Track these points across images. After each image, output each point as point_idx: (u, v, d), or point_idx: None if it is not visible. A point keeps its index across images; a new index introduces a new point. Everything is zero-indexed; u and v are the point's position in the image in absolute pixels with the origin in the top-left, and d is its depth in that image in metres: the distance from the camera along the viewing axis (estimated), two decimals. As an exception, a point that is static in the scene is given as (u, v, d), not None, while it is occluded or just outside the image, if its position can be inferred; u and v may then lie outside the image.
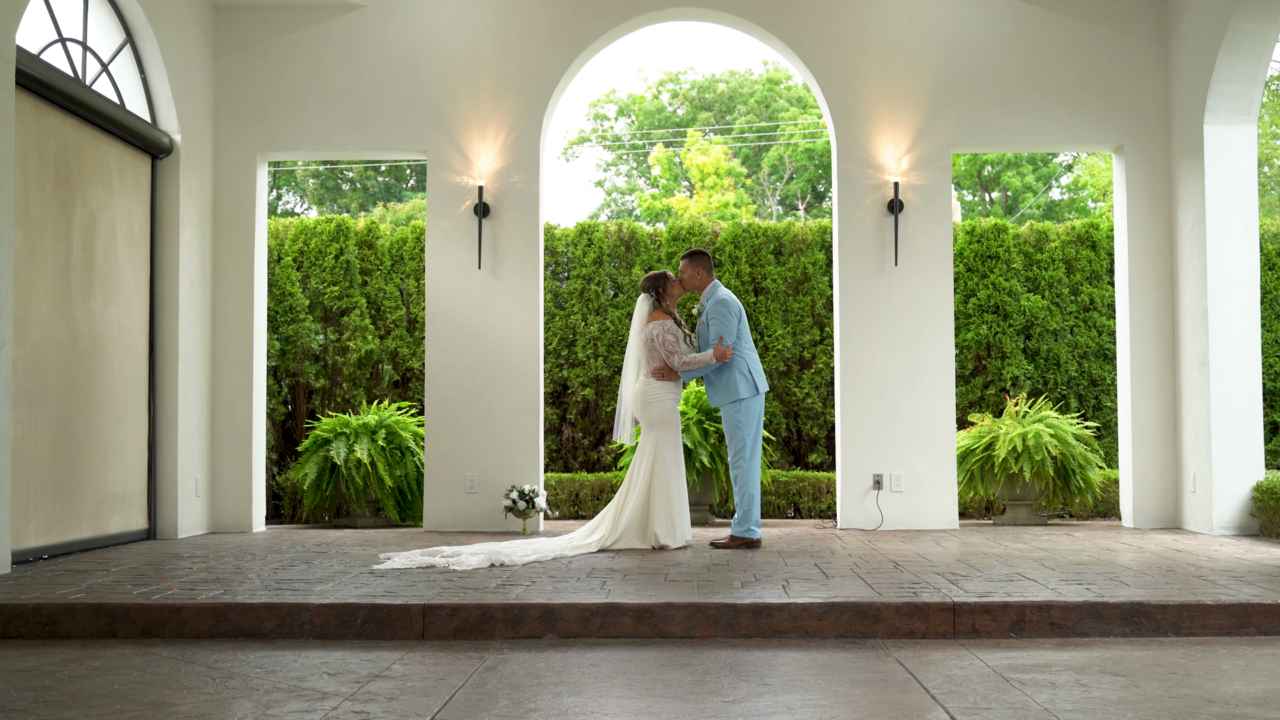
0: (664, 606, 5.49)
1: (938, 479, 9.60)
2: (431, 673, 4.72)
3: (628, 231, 12.05)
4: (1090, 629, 5.44)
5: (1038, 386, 11.77)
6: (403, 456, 10.34)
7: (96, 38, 8.53)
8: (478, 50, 9.79)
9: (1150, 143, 9.71)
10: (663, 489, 7.96)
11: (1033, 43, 9.79)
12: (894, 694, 4.34)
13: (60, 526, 7.79)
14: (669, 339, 8.06)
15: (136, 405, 8.81)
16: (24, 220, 7.39)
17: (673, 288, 8.23)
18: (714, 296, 8.13)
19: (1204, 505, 9.05)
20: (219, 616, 5.49)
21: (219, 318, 9.66)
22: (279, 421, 11.70)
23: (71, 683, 4.54)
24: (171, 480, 9.01)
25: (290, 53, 9.80)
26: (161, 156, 9.09)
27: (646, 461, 8.02)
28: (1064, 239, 11.97)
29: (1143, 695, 4.28)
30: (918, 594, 5.74)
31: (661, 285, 8.21)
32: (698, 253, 8.28)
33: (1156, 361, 9.64)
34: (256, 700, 4.25)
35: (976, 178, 29.83)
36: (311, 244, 11.85)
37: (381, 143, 9.85)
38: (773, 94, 31.08)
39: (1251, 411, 9.00)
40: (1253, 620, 5.47)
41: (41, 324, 7.58)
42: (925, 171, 9.71)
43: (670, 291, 8.22)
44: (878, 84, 9.79)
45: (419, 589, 6.00)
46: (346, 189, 31.04)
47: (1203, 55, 9.04)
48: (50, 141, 7.75)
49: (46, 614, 5.51)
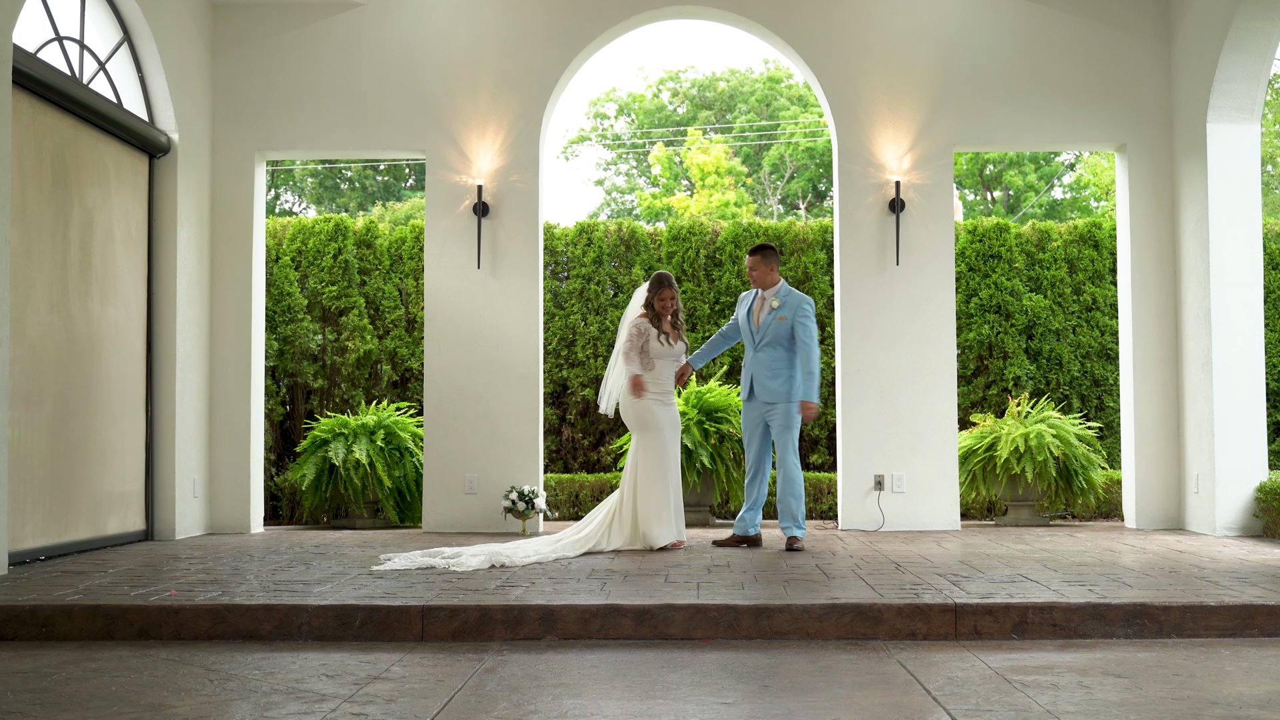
0: (664, 608, 5.47)
1: (939, 480, 9.57)
2: (430, 674, 4.71)
3: (627, 231, 12.02)
4: (1093, 630, 5.42)
5: (1040, 387, 11.74)
6: (401, 457, 10.31)
7: (94, 36, 8.49)
8: (477, 48, 9.77)
9: (1153, 141, 9.68)
10: (646, 490, 7.96)
11: (1035, 41, 9.77)
12: (895, 696, 4.33)
13: (57, 527, 7.76)
14: (633, 335, 8.10)
15: (134, 406, 8.78)
16: (21, 220, 7.36)
17: (665, 297, 8.15)
18: (793, 294, 8.10)
19: (1207, 506, 9.02)
20: (217, 618, 5.47)
21: (217, 318, 9.63)
22: (277, 422, 11.67)
23: (68, 684, 4.52)
24: (169, 481, 8.98)
25: (288, 51, 9.78)
26: (159, 156, 9.06)
27: (630, 464, 8.11)
28: (1066, 238, 11.94)
29: (1145, 697, 4.28)
30: (919, 595, 5.72)
31: (655, 292, 8.19)
32: (769, 248, 8.16)
33: (1159, 361, 9.61)
34: (255, 702, 4.23)
35: (978, 177, 29.81)
36: (310, 243, 11.83)
37: (380, 142, 9.82)
38: (773, 92, 31.07)
39: (1255, 412, 8.97)
40: (1256, 622, 5.46)
41: (39, 324, 7.56)
42: (927, 170, 9.68)
43: (663, 299, 8.16)
44: (879, 82, 9.76)
45: (418, 590, 5.98)
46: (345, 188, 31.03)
47: (1206, 53, 9.02)
48: (47, 141, 7.72)
49: (43, 615, 5.49)
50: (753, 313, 8.15)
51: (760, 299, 8.15)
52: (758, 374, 8.07)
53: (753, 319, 8.13)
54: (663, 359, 8.15)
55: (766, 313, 8.09)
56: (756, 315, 8.13)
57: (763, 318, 8.09)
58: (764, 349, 8.07)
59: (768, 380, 8.04)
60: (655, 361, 8.12)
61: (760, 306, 8.13)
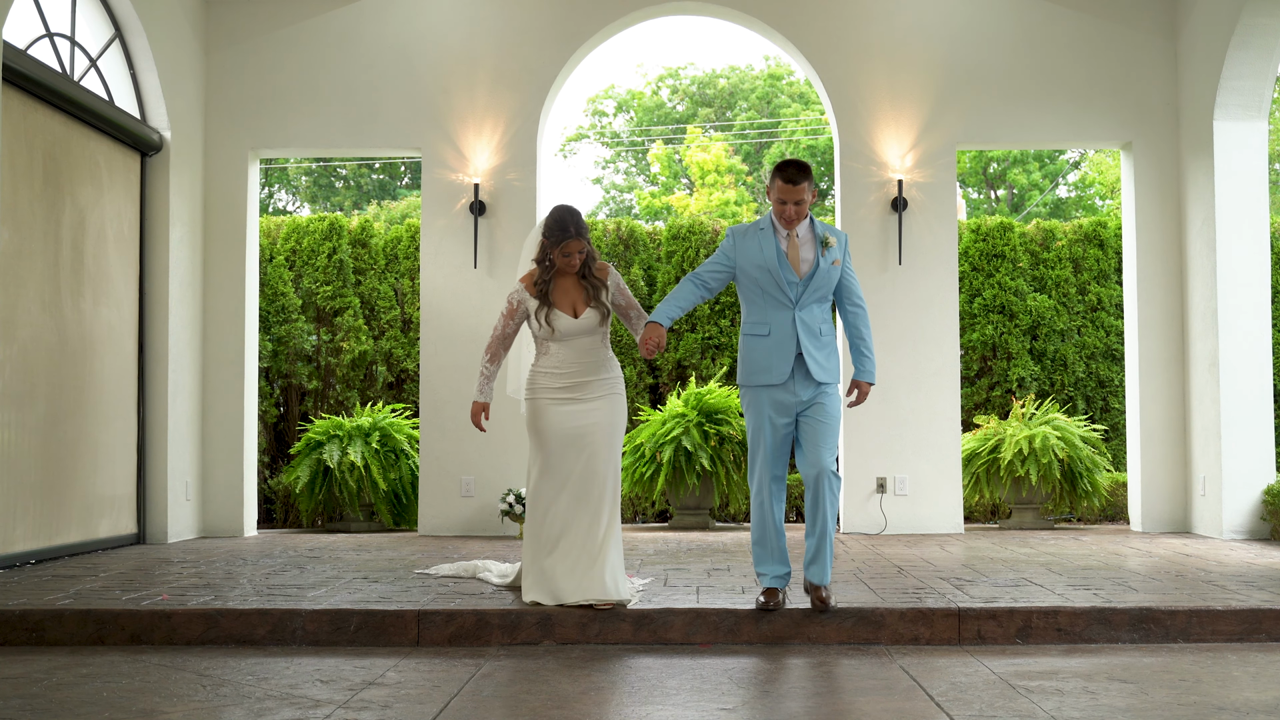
0: (663, 612, 5.44)
1: (942, 482, 9.50)
2: (426, 680, 4.69)
3: (626, 230, 11.96)
4: (1098, 635, 5.40)
5: (1044, 388, 11.67)
6: (397, 459, 10.25)
7: (85, 33, 8.45)
8: (474, 45, 9.70)
9: (1159, 139, 9.62)
10: (532, 530, 5.76)
11: (1039, 37, 9.70)
12: (898, 701, 4.31)
13: (48, 531, 7.70)
14: (504, 313, 5.85)
15: (126, 407, 8.72)
16: (12, 219, 7.32)
17: (571, 250, 5.74)
18: (831, 228, 5.70)
19: (1214, 509, 8.96)
20: (210, 623, 5.45)
21: (210, 318, 9.57)
22: (271, 424, 11.60)
23: (59, 690, 4.51)
24: (161, 484, 8.92)
25: (282, 47, 9.71)
26: (151, 154, 9.00)
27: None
28: (1071, 237, 11.87)
29: (1151, 703, 4.27)
30: (922, 599, 5.69)
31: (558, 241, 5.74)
32: (805, 166, 5.59)
33: (1165, 362, 9.54)
34: (248, 708, 4.22)
35: (982, 175, 29.76)
36: (304, 243, 11.76)
37: (375, 140, 9.76)
38: (774, 90, 31.04)
39: (1262, 413, 8.92)
40: (1264, 626, 5.44)
41: (30, 324, 7.51)
42: (929, 169, 9.61)
43: (567, 252, 5.74)
44: (881, 79, 9.69)
45: (414, 594, 5.97)
46: (340, 187, 30.96)
47: (1212, 50, 8.96)
48: (38, 139, 7.68)
49: (34, 620, 5.47)
50: (785, 257, 5.60)
51: (792, 238, 5.63)
52: (808, 343, 5.55)
53: (788, 265, 5.60)
54: (569, 339, 5.78)
55: (815, 254, 5.61)
56: (794, 259, 5.62)
57: (817, 261, 5.59)
58: (809, 307, 5.61)
59: (819, 352, 5.58)
60: (550, 345, 5.80)
61: (794, 246, 5.62)
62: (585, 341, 5.77)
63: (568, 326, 5.71)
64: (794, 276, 5.57)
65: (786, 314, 5.56)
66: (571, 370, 5.75)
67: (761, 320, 5.60)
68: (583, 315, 5.75)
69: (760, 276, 5.57)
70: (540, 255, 5.80)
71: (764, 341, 5.58)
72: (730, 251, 5.67)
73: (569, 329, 5.72)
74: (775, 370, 5.54)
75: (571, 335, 5.73)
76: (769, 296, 5.58)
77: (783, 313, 5.57)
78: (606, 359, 5.83)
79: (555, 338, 5.72)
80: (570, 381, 5.75)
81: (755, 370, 5.59)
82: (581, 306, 5.76)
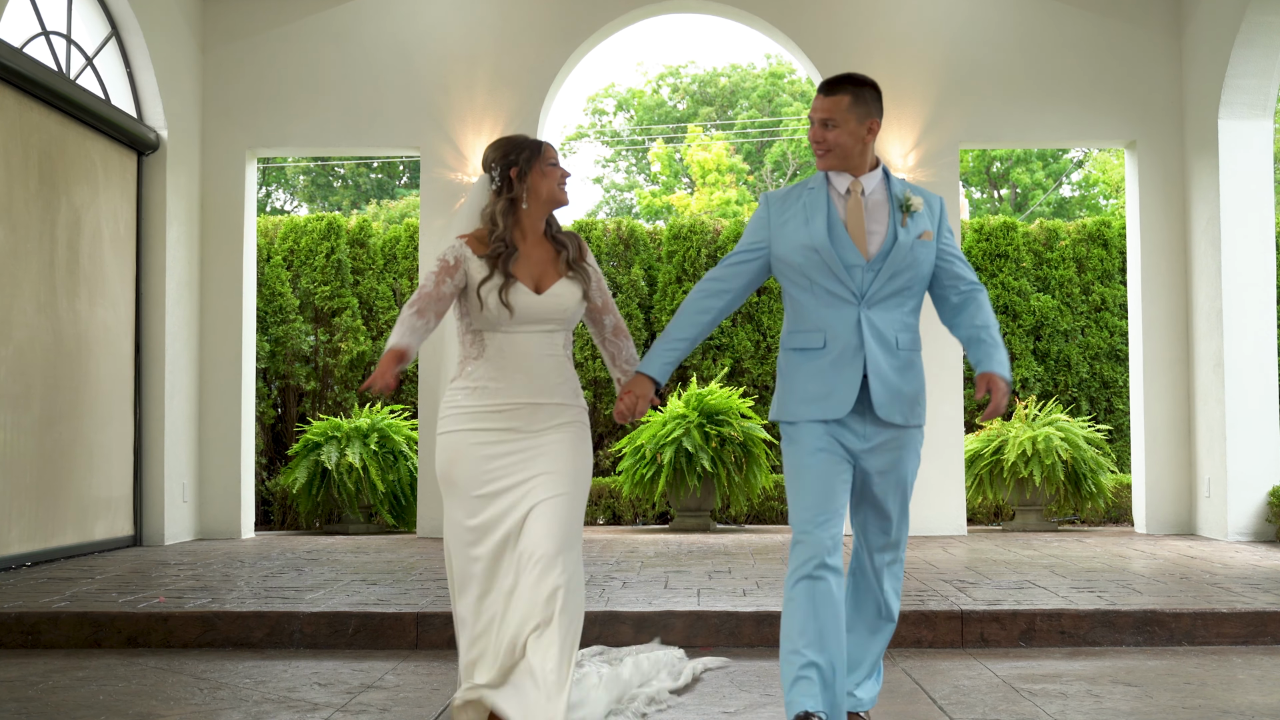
0: (664, 615, 5.44)
1: (945, 484, 9.46)
2: (425, 683, 4.70)
3: (626, 229, 11.92)
4: (1102, 638, 5.40)
5: (1048, 389, 11.62)
6: (396, 461, 10.21)
7: (81, 31, 8.41)
8: (473, 43, 9.66)
9: (1163, 138, 9.58)
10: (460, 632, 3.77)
11: (1042, 36, 9.66)
12: (900, 704, 4.31)
13: (44, 533, 7.67)
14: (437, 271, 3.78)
15: (122, 408, 8.69)
16: (7, 218, 7.30)
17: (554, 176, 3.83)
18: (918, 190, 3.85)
19: (1219, 511, 8.92)
20: (207, 625, 5.46)
21: (207, 318, 9.53)
22: (268, 425, 11.57)
23: (55, 693, 4.52)
24: (158, 485, 8.88)
25: (280, 46, 9.67)
26: (148, 153, 8.96)
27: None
28: (1075, 237, 11.83)
29: (1156, 706, 4.27)
30: (925, 602, 5.69)
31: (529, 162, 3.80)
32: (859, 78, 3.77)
33: (1170, 363, 9.50)
34: (245, 711, 4.23)
35: (985, 174, 29.71)
36: (302, 243, 11.73)
37: (374, 139, 9.73)
38: (775, 88, 31.02)
39: (1268, 414, 8.89)
40: (1269, 629, 5.45)
41: (26, 325, 7.48)
42: (932, 168, 9.57)
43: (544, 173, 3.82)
44: (883, 78, 9.59)
45: (412, 597, 5.95)
46: (338, 186, 30.93)
47: (1217, 49, 8.93)
48: (34, 138, 7.65)
49: (29, 623, 5.48)
50: (843, 228, 3.73)
51: (855, 199, 3.76)
52: (877, 363, 3.70)
53: (846, 241, 3.72)
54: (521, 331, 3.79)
55: (890, 224, 3.76)
56: (857, 232, 3.73)
57: (894, 234, 3.74)
58: (884, 303, 3.76)
59: (898, 375, 3.75)
60: (488, 342, 3.82)
61: (856, 212, 3.75)
62: (543, 340, 3.79)
63: (529, 307, 3.73)
64: (857, 257, 3.70)
65: (849, 313, 3.71)
66: (514, 386, 3.75)
67: (812, 326, 3.75)
68: (549, 290, 3.77)
69: (807, 260, 3.71)
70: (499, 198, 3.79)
71: (815, 357, 3.72)
72: (763, 227, 3.81)
73: (531, 311, 3.73)
74: (834, 398, 3.69)
75: (528, 324, 3.75)
76: (820, 290, 3.72)
77: (843, 311, 3.72)
78: (567, 372, 3.83)
79: (505, 327, 3.73)
80: (509, 403, 3.74)
81: (802, 399, 3.74)
82: (551, 277, 3.80)
